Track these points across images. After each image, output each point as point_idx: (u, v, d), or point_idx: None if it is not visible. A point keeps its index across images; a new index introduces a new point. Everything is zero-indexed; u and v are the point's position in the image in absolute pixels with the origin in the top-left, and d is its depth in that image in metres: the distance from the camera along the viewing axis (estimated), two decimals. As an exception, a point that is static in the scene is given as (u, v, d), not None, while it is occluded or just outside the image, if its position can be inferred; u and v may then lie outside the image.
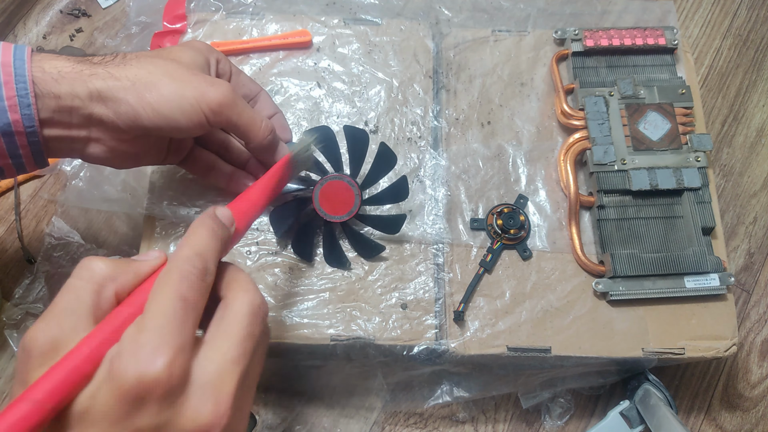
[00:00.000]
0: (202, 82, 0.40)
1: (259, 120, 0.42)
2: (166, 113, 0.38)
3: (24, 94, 0.36)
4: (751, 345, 0.63)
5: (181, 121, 0.39)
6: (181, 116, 0.39)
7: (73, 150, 0.41)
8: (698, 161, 0.53)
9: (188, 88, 0.39)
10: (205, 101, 0.39)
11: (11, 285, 0.60)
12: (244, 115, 0.41)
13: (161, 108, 0.38)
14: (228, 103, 0.40)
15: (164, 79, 0.39)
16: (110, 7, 0.72)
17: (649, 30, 0.58)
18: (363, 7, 0.60)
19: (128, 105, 0.38)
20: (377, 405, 0.58)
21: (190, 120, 0.39)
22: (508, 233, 0.52)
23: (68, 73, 0.38)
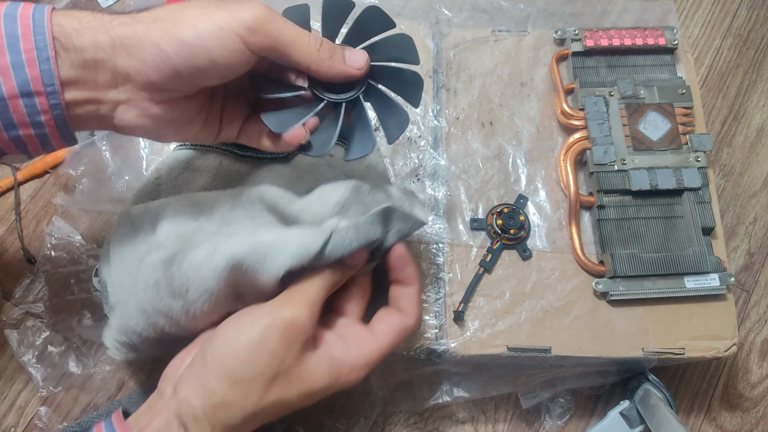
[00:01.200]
0: (231, 2, 0.34)
1: (306, 33, 0.36)
2: (196, 42, 0.33)
3: (43, 46, 0.32)
4: (751, 345, 0.63)
5: (216, 52, 0.33)
6: (215, 45, 0.33)
7: (101, 118, 0.35)
8: (698, 161, 0.53)
9: (217, 11, 0.34)
10: (238, 20, 0.33)
11: (11, 285, 0.59)
12: (287, 30, 0.35)
13: (189, 38, 0.33)
14: (264, 17, 0.34)
15: (189, 9, 0.34)
16: (110, 7, 0.72)
17: (649, 30, 0.58)
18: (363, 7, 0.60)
19: (153, 46, 0.33)
20: (377, 404, 0.58)
21: (226, 47, 0.33)
22: (508, 233, 0.52)
23: (89, 23, 0.33)
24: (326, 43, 0.36)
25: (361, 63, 0.37)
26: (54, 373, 0.56)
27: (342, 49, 0.37)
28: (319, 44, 0.36)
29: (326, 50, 0.36)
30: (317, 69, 0.36)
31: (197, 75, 0.34)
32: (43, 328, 0.57)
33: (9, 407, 0.56)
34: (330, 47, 0.36)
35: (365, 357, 0.36)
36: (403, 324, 0.37)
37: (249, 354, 0.33)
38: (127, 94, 0.34)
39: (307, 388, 0.35)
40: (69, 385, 0.56)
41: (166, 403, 0.34)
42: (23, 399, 0.57)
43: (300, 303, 0.35)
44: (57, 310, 0.58)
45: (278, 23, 0.34)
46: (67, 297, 0.58)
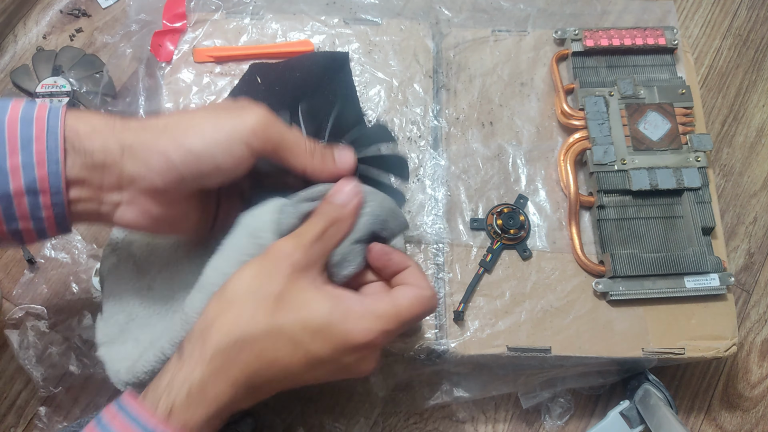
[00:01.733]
0: (238, 111, 0.36)
1: (303, 138, 0.38)
2: (203, 151, 0.34)
3: (54, 148, 0.33)
4: (751, 345, 0.63)
5: (221, 158, 0.34)
6: (221, 152, 0.34)
7: (100, 214, 0.36)
8: (698, 161, 0.53)
9: (225, 119, 0.35)
10: (244, 127, 0.35)
11: (11, 284, 0.60)
12: (287, 135, 0.36)
13: (196, 146, 0.34)
14: (268, 122, 0.35)
15: (197, 117, 0.35)
16: (110, 7, 0.72)
17: (649, 30, 0.58)
18: (363, 7, 0.60)
19: (160, 154, 0.34)
20: (377, 405, 0.58)
21: (231, 153, 0.35)
22: (508, 233, 0.52)
23: (101, 128, 0.35)
24: (318, 147, 0.38)
25: (350, 163, 0.39)
26: (54, 373, 0.56)
27: (331, 150, 0.39)
28: (313, 149, 0.38)
29: (319, 155, 0.38)
30: (312, 172, 0.38)
31: (200, 180, 0.35)
32: (43, 328, 0.57)
33: (9, 407, 0.56)
34: (321, 151, 0.38)
35: (379, 308, 0.34)
36: (421, 292, 0.36)
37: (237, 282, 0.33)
38: (129, 195, 0.36)
39: (303, 316, 0.33)
40: (69, 385, 0.56)
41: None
42: (23, 399, 0.57)
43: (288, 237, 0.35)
44: (57, 310, 0.58)
45: (279, 128, 0.36)
46: (67, 297, 0.58)
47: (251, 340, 0.32)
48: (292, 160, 0.37)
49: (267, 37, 0.58)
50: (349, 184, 0.37)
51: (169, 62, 0.56)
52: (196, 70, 0.56)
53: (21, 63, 0.68)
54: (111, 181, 0.35)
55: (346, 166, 0.39)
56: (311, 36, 0.58)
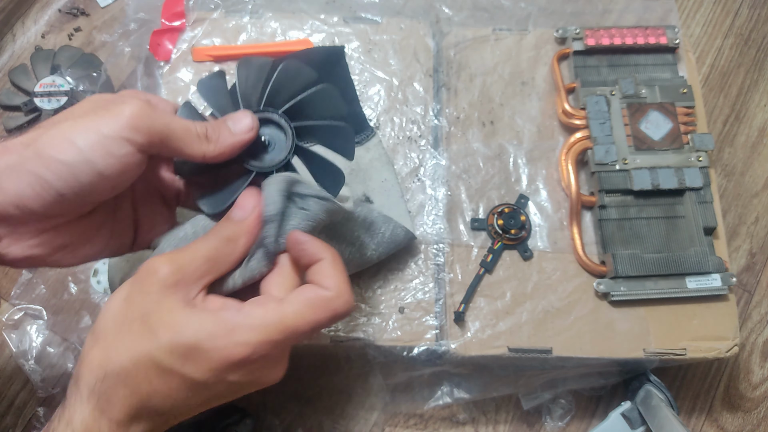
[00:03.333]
0: (111, 106, 0.31)
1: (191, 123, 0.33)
2: (77, 160, 0.29)
3: None
4: (753, 345, 0.63)
5: (102, 163, 0.29)
6: (100, 156, 0.29)
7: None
8: (700, 161, 0.53)
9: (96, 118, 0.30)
10: (121, 122, 0.30)
11: (9, 285, 0.59)
12: (172, 124, 0.32)
13: (67, 156, 0.29)
14: (148, 112, 0.31)
15: (64, 123, 0.30)
16: (109, 6, 0.71)
17: (651, 29, 0.57)
18: (363, 6, 0.59)
19: (29, 175, 0.29)
20: (377, 406, 0.57)
21: (114, 155, 0.30)
22: (508, 233, 0.51)
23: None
24: (211, 126, 0.34)
25: (246, 125, 0.34)
26: (52, 374, 0.56)
27: (224, 121, 0.34)
28: (205, 132, 0.33)
29: (212, 134, 0.33)
30: (213, 156, 0.33)
31: (84, 194, 0.30)
32: (42, 328, 0.57)
33: (7, 408, 0.56)
34: (215, 128, 0.34)
35: (256, 317, 0.30)
36: (317, 295, 0.31)
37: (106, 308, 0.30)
38: (7, 229, 0.31)
39: (169, 339, 0.28)
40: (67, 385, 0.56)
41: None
42: (21, 399, 0.56)
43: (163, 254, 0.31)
44: (55, 311, 0.58)
45: (163, 117, 0.31)
46: (65, 297, 0.58)
47: (122, 372, 0.29)
48: (186, 150, 0.32)
49: (266, 36, 0.57)
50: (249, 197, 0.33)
51: (168, 61, 0.56)
52: (194, 69, 0.56)
53: (19, 62, 0.68)
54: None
55: (244, 129, 0.34)
56: (311, 35, 0.58)
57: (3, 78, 0.68)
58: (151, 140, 0.31)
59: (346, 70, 0.51)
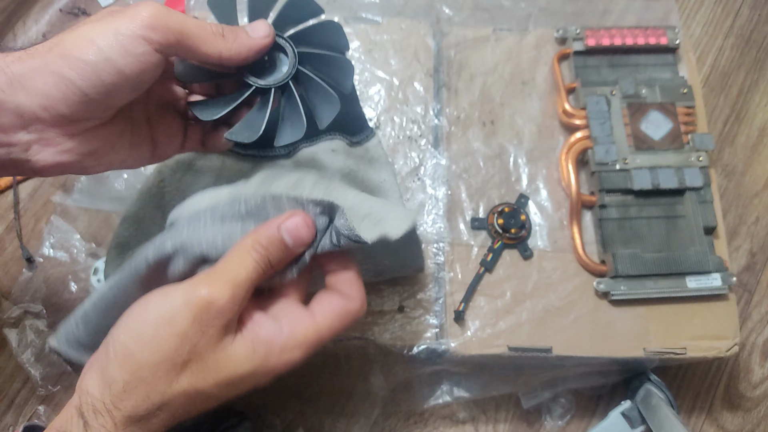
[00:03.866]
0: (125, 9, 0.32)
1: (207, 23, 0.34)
2: (98, 58, 0.30)
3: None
4: (753, 345, 0.63)
5: (122, 61, 0.31)
6: (119, 54, 0.31)
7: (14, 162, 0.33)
8: (700, 161, 0.53)
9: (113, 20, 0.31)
10: (137, 22, 0.31)
11: (10, 283, 0.59)
12: (188, 23, 0.33)
13: (89, 55, 0.30)
14: (163, 13, 0.32)
15: (84, 27, 0.31)
16: (109, 5, 0.72)
17: (651, 29, 0.57)
18: (363, 6, 0.59)
19: (53, 75, 0.30)
20: (377, 404, 0.57)
21: (131, 53, 0.31)
22: (509, 233, 0.51)
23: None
24: (227, 28, 0.35)
25: (264, 31, 0.36)
26: (53, 372, 0.56)
27: (242, 27, 0.36)
28: (221, 31, 0.34)
29: (230, 34, 0.35)
30: (228, 56, 0.34)
31: (107, 94, 0.32)
32: (42, 327, 0.57)
33: (8, 406, 0.56)
34: (232, 30, 0.35)
35: (299, 336, 0.32)
36: (344, 307, 0.34)
37: (154, 335, 0.30)
38: (37, 133, 0.32)
39: (226, 375, 0.30)
40: (68, 384, 0.56)
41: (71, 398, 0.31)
42: (22, 398, 0.56)
43: (222, 283, 0.31)
44: (56, 309, 0.58)
45: (178, 17, 0.33)
46: (65, 296, 0.58)
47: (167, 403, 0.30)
48: (202, 48, 0.33)
49: (267, 35, 0.57)
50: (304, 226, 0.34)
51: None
52: (196, 68, 0.56)
53: (20, 61, 0.68)
54: (10, 120, 0.31)
55: (262, 35, 0.35)
56: (312, 34, 0.58)
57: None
58: (167, 39, 0.32)
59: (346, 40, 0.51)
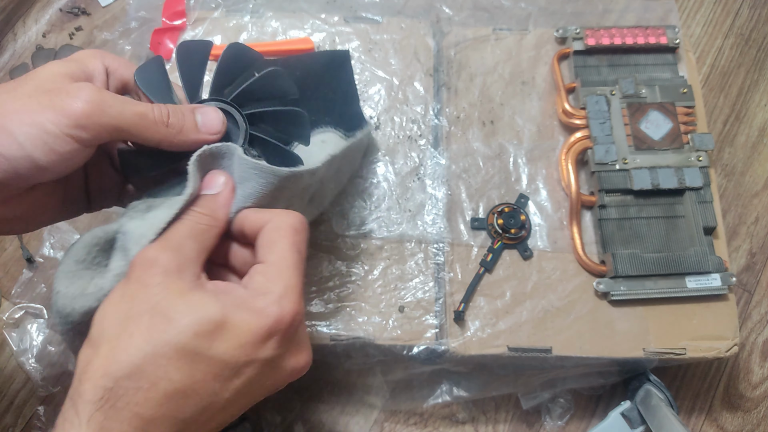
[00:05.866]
0: (57, 95, 0.29)
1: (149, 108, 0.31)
2: (16, 154, 0.28)
3: None
4: (753, 345, 0.63)
5: (44, 159, 0.28)
6: (38, 151, 0.28)
7: None
8: (700, 161, 0.53)
9: (40, 110, 0.28)
10: (66, 119, 0.28)
11: (10, 284, 0.59)
12: (126, 112, 0.30)
13: (8, 150, 0.28)
14: (97, 106, 0.29)
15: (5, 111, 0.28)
16: (110, 5, 0.72)
17: (651, 29, 0.57)
18: (363, 5, 0.59)
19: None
20: (377, 404, 0.57)
21: (56, 151, 0.28)
22: (508, 233, 0.51)
23: None
24: (174, 112, 0.32)
25: (216, 127, 0.33)
26: (53, 373, 0.56)
27: (192, 113, 0.33)
28: (167, 118, 0.31)
29: (175, 122, 0.32)
30: (169, 145, 0.32)
31: (25, 181, 0.30)
32: (42, 327, 0.57)
33: (8, 406, 0.56)
34: (179, 117, 0.32)
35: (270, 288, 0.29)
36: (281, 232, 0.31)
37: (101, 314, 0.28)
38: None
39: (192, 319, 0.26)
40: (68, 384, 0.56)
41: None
42: (22, 398, 0.56)
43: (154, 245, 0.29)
44: (56, 309, 0.58)
45: (114, 108, 0.30)
46: (65, 296, 0.58)
47: (135, 372, 0.25)
48: (141, 137, 0.31)
49: (267, 35, 0.58)
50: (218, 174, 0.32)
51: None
52: (195, 68, 0.56)
53: (21, 61, 0.68)
54: None
55: (212, 131, 0.33)
56: (311, 34, 0.58)
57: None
58: (99, 134, 0.29)
59: (351, 74, 0.51)
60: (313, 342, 0.48)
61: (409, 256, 0.51)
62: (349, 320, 0.49)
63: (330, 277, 0.50)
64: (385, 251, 0.51)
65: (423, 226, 0.52)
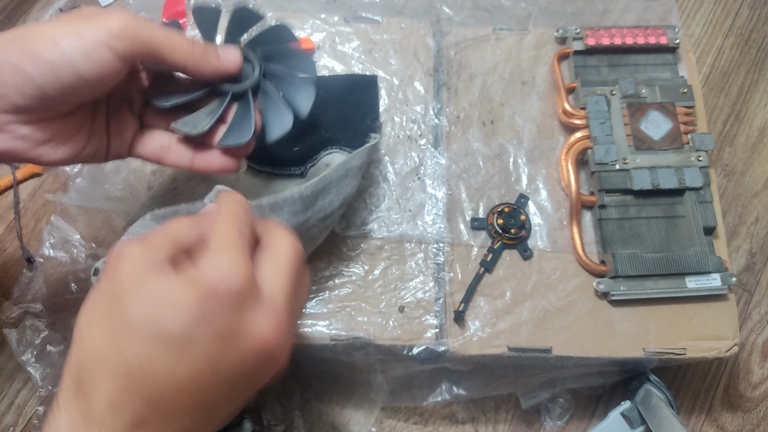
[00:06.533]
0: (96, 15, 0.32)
1: (177, 32, 0.34)
2: (60, 60, 0.31)
3: None
4: (753, 345, 0.63)
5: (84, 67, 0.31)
6: (81, 60, 0.31)
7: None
8: (700, 161, 0.53)
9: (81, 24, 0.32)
10: (105, 30, 0.31)
11: (10, 284, 0.59)
12: (157, 32, 0.33)
13: (51, 55, 0.31)
14: (133, 23, 0.32)
15: (50, 26, 0.31)
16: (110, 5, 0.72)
17: (651, 29, 0.57)
18: (363, 5, 0.59)
19: (12, 67, 0.31)
20: (377, 403, 0.57)
21: (94, 60, 0.31)
22: (508, 233, 0.51)
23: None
24: (198, 42, 0.36)
25: (234, 59, 0.37)
26: (53, 373, 0.56)
27: (215, 46, 0.37)
28: (192, 43, 0.35)
29: (200, 48, 0.35)
30: (194, 67, 0.35)
31: (65, 93, 0.32)
32: (42, 327, 0.57)
33: (8, 406, 0.56)
34: (203, 45, 0.36)
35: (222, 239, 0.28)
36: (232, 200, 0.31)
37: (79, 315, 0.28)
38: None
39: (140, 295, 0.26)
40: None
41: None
42: (22, 398, 0.56)
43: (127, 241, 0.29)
44: (56, 309, 0.58)
45: (148, 28, 0.33)
46: (65, 296, 0.58)
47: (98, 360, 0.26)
48: (169, 57, 0.34)
49: (267, 35, 0.58)
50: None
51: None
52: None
53: (20, 61, 0.68)
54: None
55: (231, 63, 0.37)
56: (311, 34, 0.58)
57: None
58: (133, 49, 0.32)
59: (376, 98, 0.53)
60: (314, 342, 0.48)
61: (409, 256, 0.51)
62: (349, 320, 0.49)
63: (330, 277, 0.50)
64: (385, 251, 0.51)
65: (423, 226, 0.52)
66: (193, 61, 0.35)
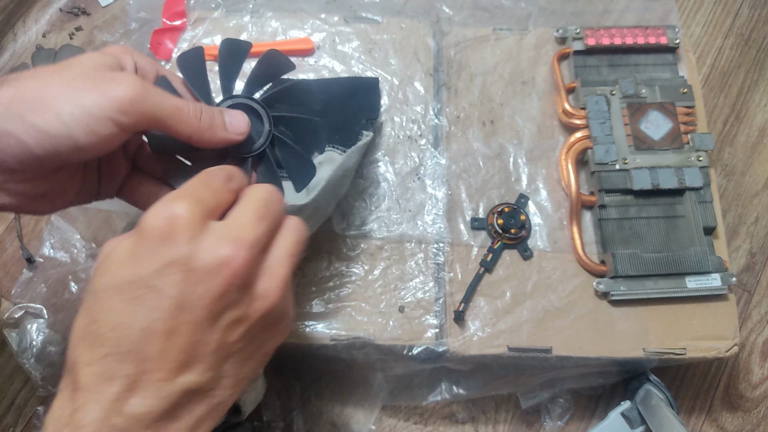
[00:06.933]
0: (102, 81, 0.31)
1: (185, 103, 0.34)
2: (59, 132, 0.30)
3: None
4: (753, 345, 0.63)
5: (84, 140, 0.30)
6: (80, 132, 0.30)
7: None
8: (700, 161, 0.53)
9: (85, 93, 0.30)
10: (110, 103, 0.30)
11: (10, 284, 0.59)
12: (164, 104, 0.32)
13: (50, 127, 0.29)
14: (140, 95, 0.31)
15: (51, 88, 0.30)
16: (110, 5, 0.72)
17: (651, 29, 0.57)
18: (363, 5, 0.59)
19: (9, 136, 0.29)
20: (377, 401, 0.57)
21: (94, 132, 0.30)
22: (508, 233, 0.51)
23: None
24: (206, 111, 0.35)
25: (242, 129, 0.37)
26: (53, 373, 0.56)
27: (222, 114, 0.36)
28: (199, 114, 0.34)
29: (206, 119, 0.35)
30: (199, 140, 0.35)
31: (61, 160, 0.31)
32: (42, 327, 0.57)
33: (8, 407, 0.56)
34: (209, 115, 0.35)
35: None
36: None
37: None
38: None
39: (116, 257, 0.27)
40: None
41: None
42: (22, 398, 0.56)
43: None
44: (56, 310, 0.58)
45: (155, 98, 0.32)
46: (65, 296, 0.58)
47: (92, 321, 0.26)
48: (174, 130, 0.33)
49: (267, 35, 0.58)
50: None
51: (169, 60, 0.56)
52: (195, 68, 0.56)
53: (20, 61, 0.68)
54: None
55: (238, 131, 0.36)
56: (311, 34, 0.58)
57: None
58: (139, 121, 0.32)
59: (377, 100, 0.53)
60: (314, 342, 0.48)
61: (409, 256, 0.51)
62: (349, 320, 0.49)
63: (330, 277, 0.50)
64: (385, 251, 0.51)
65: (423, 226, 0.52)
66: (200, 133, 0.34)
